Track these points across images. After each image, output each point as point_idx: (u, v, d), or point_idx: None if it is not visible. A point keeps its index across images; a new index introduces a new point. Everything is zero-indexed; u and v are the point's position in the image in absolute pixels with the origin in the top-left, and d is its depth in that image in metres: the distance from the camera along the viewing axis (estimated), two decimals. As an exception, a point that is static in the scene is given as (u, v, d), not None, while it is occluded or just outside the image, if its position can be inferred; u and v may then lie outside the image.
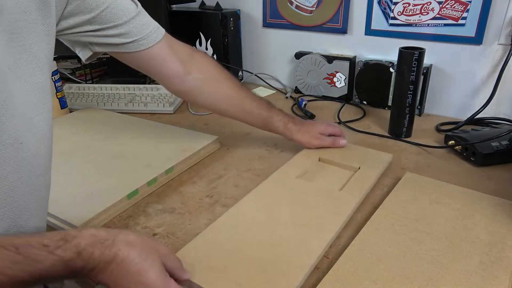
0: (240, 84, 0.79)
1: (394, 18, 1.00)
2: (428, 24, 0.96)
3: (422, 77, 0.88)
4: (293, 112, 1.06)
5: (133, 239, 0.43)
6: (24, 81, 0.43)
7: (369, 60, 1.04)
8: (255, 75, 1.29)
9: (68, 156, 0.78)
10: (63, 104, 1.03)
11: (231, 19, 1.22)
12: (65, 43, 0.63)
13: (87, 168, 0.73)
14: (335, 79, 1.12)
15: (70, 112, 1.06)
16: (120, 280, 0.42)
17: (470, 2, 0.89)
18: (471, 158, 0.76)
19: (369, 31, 1.06)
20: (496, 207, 0.60)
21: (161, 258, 0.45)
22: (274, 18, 1.21)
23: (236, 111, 0.78)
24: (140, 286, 0.42)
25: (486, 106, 0.91)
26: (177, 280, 0.45)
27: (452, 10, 0.92)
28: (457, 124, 0.92)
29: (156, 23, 0.67)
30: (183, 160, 0.76)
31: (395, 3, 0.98)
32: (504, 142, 0.75)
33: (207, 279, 0.47)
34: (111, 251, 0.42)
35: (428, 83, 0.99)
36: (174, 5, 1.32)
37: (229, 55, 1.26)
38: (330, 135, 0.80)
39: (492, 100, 0.90)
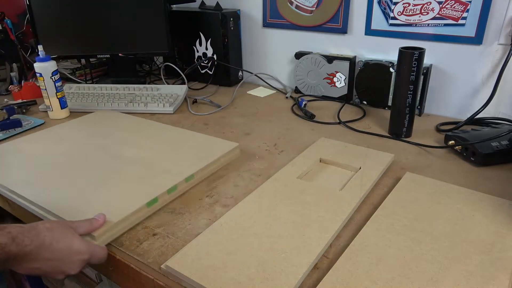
0: None
1: (394, 18, 1.00)
2: (428, 24, 0.96)
3: (422, 77, 0.88)
4: (293, 112, 1.06)
5: (49, 225, 0.51)
6: None
7: (369, 60, 1.04)
8: (255, 75, 1.29)
9: (86, 160, 0.76)
10: (63, 104, 1.03)
11: (231, 19, 1.22)
12: None
13: (106, 174, 0.71)
14: (335, 79, 1.12)
15: (71, 112, 1.06)
16: (55, 259, 0.50)
17: (470, 2, 0.89)
18: (471, 158, 0.76)
19: (369, 31, 1.06)
20: (496, 207, 0.60)
21: (74, 230, 0.53)
22: (274, 18, 1.21)
23: None
24: (73, 255, 0.51)
25: (486, 106, 0.91)
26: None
27: (452, 10, 0.92)
28: (457, 124, 0.92)
29: None
30: (204, 167, 0.73)
31: (395, 3, 0.98)
32: (504, 142, 0.75)
33: (207, 278, 0.47)
34: (39, 238, 0.48)
35: (428, 83, 0.99)
36: (174, 5, 1.32)
37: (229, 55, 1.26)
38: None
39: (492, 100, 0.90)
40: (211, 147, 0.80)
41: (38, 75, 0.98)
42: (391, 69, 1.01)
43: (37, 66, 0.97)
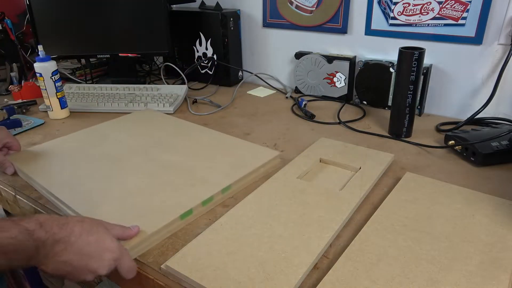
0: None
1: (394, 18, 1.00)
2: (428, 24, 0.96)
3: (422, 77, 0.88)
4: (293, 112, 1.06)
5: (80, 218, 0.50)
6: None
7: (369, 60, 1.04)
8: (255, 75, 1.29)
9: (124, 162, 0.74)
10: (63, 104, 1.03)
11: (231, 19, 1.22)
12: None
13: (141, 179, 0.68)
14: (335, 79, 1.12)
15: (71, 112, 1.06)
16: (85, 254, 0.48)
17: (470, 2, 0.89)
18: (471, 158, 0.76)
19: (369, 31, 1.06)
20: (496, 207, 0.60)
21: (108, 229, 0.51)
22: (274, 18, 1.21)
23: None
24: (104, 252, 0.48)
25: (486, 106, 0.91)
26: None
27: (452, 10, 0.92)
28: (457, 124, 0.92)
29: None
30: (242, 177, 0.69)
31: (395, 3, 0.98)
32: (504, 142, 0.75)
33: (207, 278, 0.47)
34: (68, 227, 0.47)
35: (428, 83, 0.99)
36: (174, 5, 1.32)
37: (229, 55, 1.26)
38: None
39: (492, 100, 0.90)
40: (251, 154, 0.76)
41: (38, 75, 0.98)
42: (391, 69, 1.01)
43: (37, 66, 0.97)
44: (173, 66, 1.27)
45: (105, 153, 0.78)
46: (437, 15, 0.94)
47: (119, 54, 1.24)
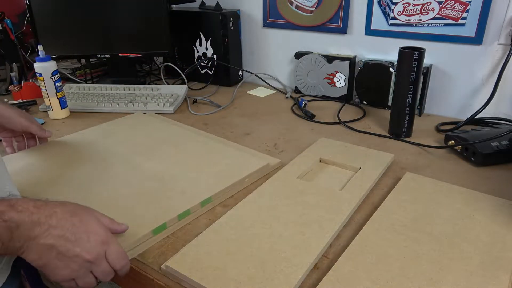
0: None
1: (394, 18, 1.00)
2: (428, 24, 0.96)
3: (422, 77, 0.88)
4: (293, 112, 1.06)
5: (62, 201, 0.46)
6: None
7: (369, 60, 1.04)
8: (255, 75, 1.29)
9: (105, 170, 0.72)
10: (63, 104, 1.03)
11: (231, 19, 1.22)
12: None
13: (118, 190, 0.66)
14: (335, 79, 1.12)
15: (71, 112, 1.06)
16: (68, 235, 0.44)
17: (470, 2, 0.89)
18: (471, 158, 0.76)
19: (369, 31, 1.06)
20: (496, 207, 0.60)
21: (95, 215, 0.48)
22: (274, 18, 1.21)
23: None
24: (91, 234, 0.45)
25: (486, 106, 0.91)
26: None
27: (452, 10, 0.92)
28: (457, 124, 0.92)
29: None
30: (223, 190, 0.66)
31: (395, 3, 0.98)
32: (504, 142, 0.75)
33: (207, 278, 0.47)
34: (47, 208, 0.44)
35: (428, 83, 0.99)
36: (174, 5, 1.32)
37: (229, 55, 1.26)
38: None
39: (492, 100, 0.90)
40: (239, 163, 0.73)
41: (38, 75, 0.98)
42: (391, 69, 1.01)
43: (37, 66, 0.97)
44: (173, 66, 1.27)
45: (88, 159, 0.77)
46: (437, 15, 0.94)
47: (119, 54, 1.24)
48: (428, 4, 0.94)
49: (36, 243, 0.43)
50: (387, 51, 1.05)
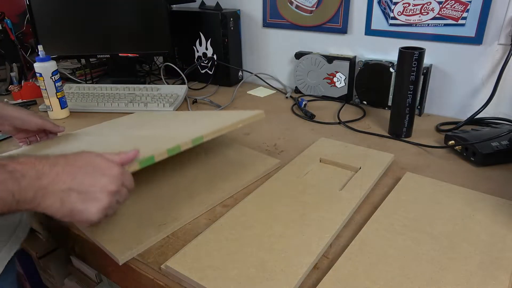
0: None
1: (394, 18, 1.00)
2: (428, 24, 0.96)
3: (422, 77, 0.88)
4: (293, 112, 1.06)
5: (63, 154, 0.45)
6: None
7: (369, 60, 1.04)
8: (255, 75, 1.29)
9: (103, 142, 0.73)
10: (63, 104, 1.03)
11: (231, 19, 1.22)
12: None
13: (113, 148, 0.60)
14: (335, 79, 1.12)
15: (71, 112, 1.06)
16: (84, 172, 0.43)
17: (470, 2, 0.89)
18: (471, 158, 0.76)
19: (369, 31, 1.06)
20: (496, 207, 0.60)
21: (96, 153, 0.47)
22: (274, 18, 1.21)
23: None
24: (108, 165, 0.45)
25: (486, 106, 0.91)
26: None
27: (452, 10, 0.92)
28: (457, 124, 0.92)
29: None
30: (215, 131, 0.62)
31: (395, 3, 0.98)
32: (504, 142, 0.75)
33: (207, 278, 0.47)
34: (50, 159, 0.43)
35: (428, 83, 0.99)
36: (174, 5, 1.32)
37: (229, 55, 1.26)
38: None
39: (492, 100, 0.90)
40: (233, 116, 0.71)
41: (38, 75, 0.98)
42: (391, 69, 1.01)
43: (37, 66, 0.97)
44: (173, 66, 1.28)
45: (87, 137, 0.77)
46: (437, 15, 0.94)
47: (119, 54, 1.24)
48: (428, 4, 0.94)
49: (52, 191, 0.42)
50: (387, 51, 1.05)
